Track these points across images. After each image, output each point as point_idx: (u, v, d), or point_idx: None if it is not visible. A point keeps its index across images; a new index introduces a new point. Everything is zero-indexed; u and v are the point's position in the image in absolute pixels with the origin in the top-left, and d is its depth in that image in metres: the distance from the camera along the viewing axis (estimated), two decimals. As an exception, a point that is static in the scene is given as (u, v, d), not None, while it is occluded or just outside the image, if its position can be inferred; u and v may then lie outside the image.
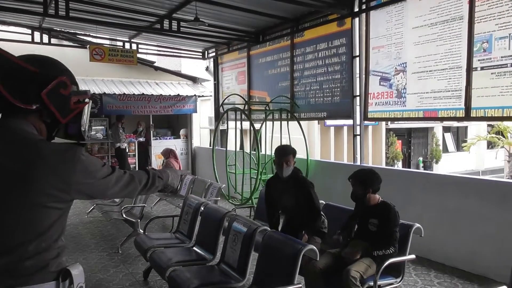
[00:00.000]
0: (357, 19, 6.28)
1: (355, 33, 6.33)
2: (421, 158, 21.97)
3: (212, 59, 10.68)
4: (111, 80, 10.15)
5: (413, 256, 3.49)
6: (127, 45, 9.38)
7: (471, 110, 4.81)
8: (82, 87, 9.37)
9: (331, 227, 4.30)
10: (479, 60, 4.71)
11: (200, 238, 4.26)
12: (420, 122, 20.86)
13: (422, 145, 22.83)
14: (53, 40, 9.32)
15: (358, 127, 6.34)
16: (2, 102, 1.44)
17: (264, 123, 7.50)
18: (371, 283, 3.26)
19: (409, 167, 20.96)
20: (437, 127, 22.53)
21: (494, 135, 15.98)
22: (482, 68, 4.69)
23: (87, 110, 1.72)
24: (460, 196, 4.83)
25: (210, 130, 20.27)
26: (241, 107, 7.87)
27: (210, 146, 12.59)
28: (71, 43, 9.98)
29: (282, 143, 7.66)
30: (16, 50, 1.76)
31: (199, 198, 4.96)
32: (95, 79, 10.01)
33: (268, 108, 7.85)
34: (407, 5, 5.49)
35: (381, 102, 5.94)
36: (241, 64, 9.34)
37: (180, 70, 14.50)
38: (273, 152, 7.84)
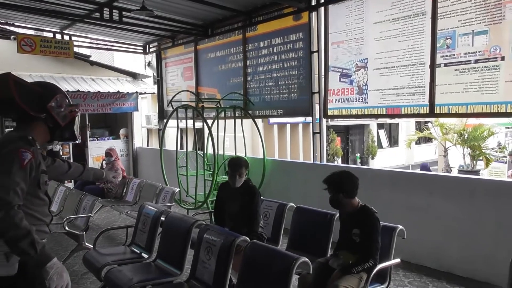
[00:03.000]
0: (314, 13, 6.09)
1: (313, 28, 6.15)
2: (358, 154, 22.75)
3: (154, 54, 10.01)
4: (40, 76, 9.11)
5: (398, 260, 3.32)
6: (58, 37, 8.45)
7: (435, 107, 4.79)
8: (6, 82, 8.31)
9: (299, 230, 4.06)
10: (442, 56, 4.70)
11: (163, 251, 3.78)
12: (383, 119, 21.62)
13: (359, 141, 23.68)
14: (-32, 29, 8.18)
15: (317, 125, 6.16)
16: (19, 114, 2.13)
17: (216, 121, 7.09)
18: (361, 292, 3.04)
19: (348, 163, 21.59)
20: (372, 124, 23.48)
21: (430, 132, 16.88)
22: (445, 65, 4.68)
23: (77, 118, 2.37)
24: (425, 193, 4.82)
25: (148, 129, 19.38)
26: (190, 104, 7.40)
27: (147, 146, 11.96)
28: (-10, 33, 8.83)
29: (234, 142, 7.36)
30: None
31: (158, 205, 4.47)
32: (21, 74, 8.90)
33: (219, 106, 7.45)
34: (368, 0, 5.39)
35: (341, 99, 5.80)
36: (188, 59, 8.82)
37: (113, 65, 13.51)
38: (225, 151, 7.53)
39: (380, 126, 24.89)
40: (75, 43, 8.71)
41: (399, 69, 5.10)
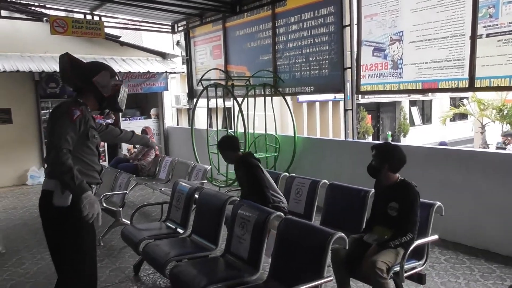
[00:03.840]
0: (346, -14, 5.90)
1: (345, 1, 5.96)
2: (389, 132, 22.28)
3: (183, 33, 10.01)
4: (73, 57, 9.29)
5: (436, 237, 3.25)
6: (88, 18, 8.55)
7: (475, 80, 4.58)
8: (40, 65, 8.53)
9: (333, 207, 4.03)
10: (484, 26, 4.46)
11: (198, 227, 3.85)
12: (415, 96, 21.07)
13: (390, 119, 23.16)
14: (2, 12, 8.37)
15: (349, 101, 6.04)
16: (76, 85, 2.68)
17: (246, 99, 7.06)
18: (397, 268, 3.00)
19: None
20: (405, 101, 22.86)
21: (466, 108, 16.29)
22: (487, 35, 4.44)
23: (122, 92, 2.80)
24: (462, 170, 4.67)
25: (178, 109, 19.59)
26: (220, 82, 7.40)
27: (177, 125, 12.08)
28: (23, 16, 9.01)
29: (264, 120, 7.33)
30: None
31: (191, 182, 4.53)
32: (55, 56, 9.13)
33: (249, 83, 7.40)
34: (404, -31, 5.15)
35: (374, 74, 5.64)
36: (216, 38, 8.77)
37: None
38: (255, 130, 7.54)
39: (412, 103, 24.20)
40: (104, 23, 8.82)
41: (437, 41, 4.89)
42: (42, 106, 9.29)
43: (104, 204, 4.97)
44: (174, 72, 10.49)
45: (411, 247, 2.99)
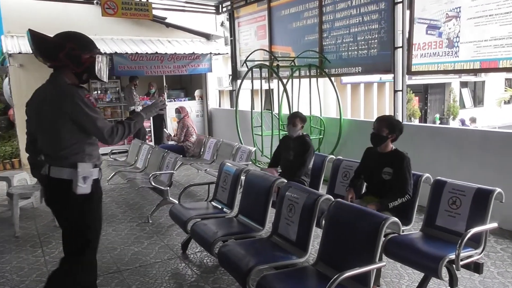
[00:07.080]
0: (399, -40, 5.60)
1: (397, -24, 5.68)
2: (437, 115, 21.35)
3: (227, 14, 9.96)
4: (121, 39, 9.51)
5: (495, 225, 3.08)
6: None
7: (541, 59, 4.26)
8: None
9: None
10: (553, 0, 4.12)
11: (244, 207, 3.86)
12: (467, 77, 20.37)
13: (439, 101, 22.16)
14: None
15: (400, 82, 5.80)
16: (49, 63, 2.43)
17: (291, 80, 6.95)
18: (452, 256, 2.87)
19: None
20: (455, 82, 21.77)
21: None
22: (557, 10, 4.10)
23: (99, 61, 2.53)
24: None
25: (220, 91, 19.67)
26: (265, 63, 7.32)
27: (219, 107, 12.16)
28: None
29: (309, 102, 7.21)
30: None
31: (237, 163, 4.54)
32: (104, 38, 9.37)
33: (294, 64, 7.27)
34: None
35: (427, 53, 5.37)
36: (261, 18, 8.65)
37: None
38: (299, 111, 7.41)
39: (463, 84, 23.00)
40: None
41: (499, 17, 4.57)
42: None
43: (153, 183, 5.10)
44: (218, 53, 10.50)
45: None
